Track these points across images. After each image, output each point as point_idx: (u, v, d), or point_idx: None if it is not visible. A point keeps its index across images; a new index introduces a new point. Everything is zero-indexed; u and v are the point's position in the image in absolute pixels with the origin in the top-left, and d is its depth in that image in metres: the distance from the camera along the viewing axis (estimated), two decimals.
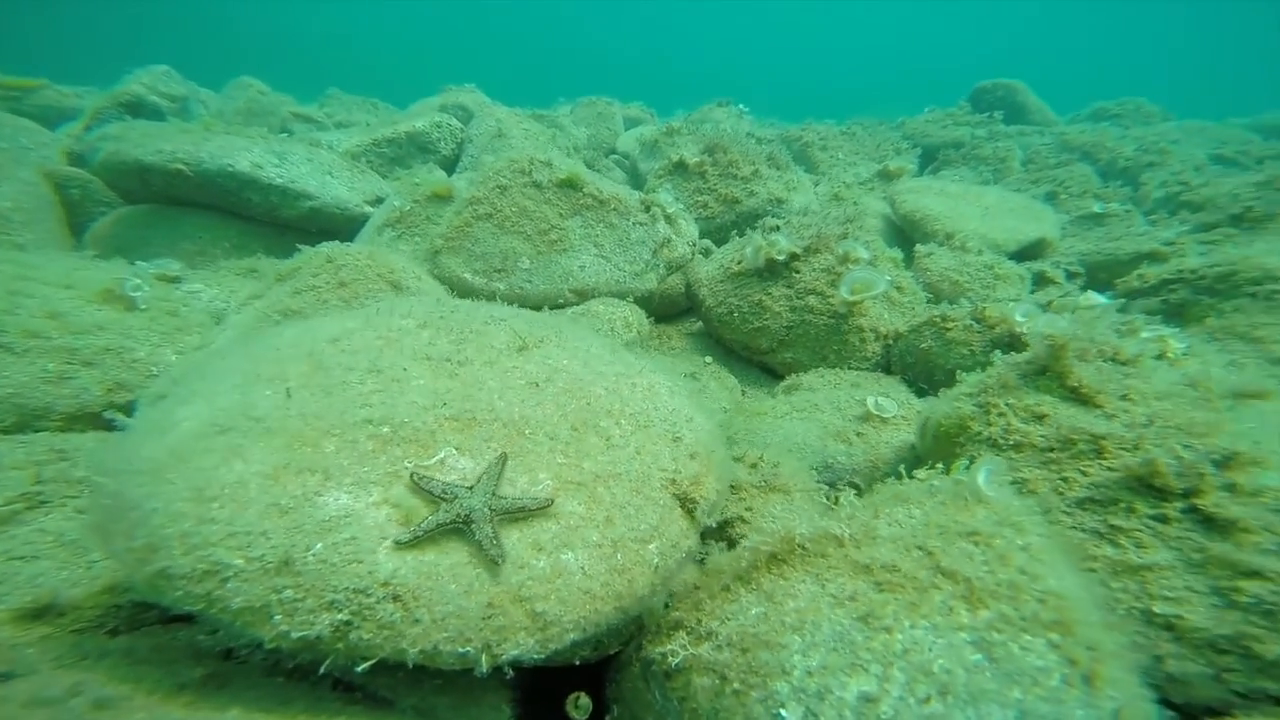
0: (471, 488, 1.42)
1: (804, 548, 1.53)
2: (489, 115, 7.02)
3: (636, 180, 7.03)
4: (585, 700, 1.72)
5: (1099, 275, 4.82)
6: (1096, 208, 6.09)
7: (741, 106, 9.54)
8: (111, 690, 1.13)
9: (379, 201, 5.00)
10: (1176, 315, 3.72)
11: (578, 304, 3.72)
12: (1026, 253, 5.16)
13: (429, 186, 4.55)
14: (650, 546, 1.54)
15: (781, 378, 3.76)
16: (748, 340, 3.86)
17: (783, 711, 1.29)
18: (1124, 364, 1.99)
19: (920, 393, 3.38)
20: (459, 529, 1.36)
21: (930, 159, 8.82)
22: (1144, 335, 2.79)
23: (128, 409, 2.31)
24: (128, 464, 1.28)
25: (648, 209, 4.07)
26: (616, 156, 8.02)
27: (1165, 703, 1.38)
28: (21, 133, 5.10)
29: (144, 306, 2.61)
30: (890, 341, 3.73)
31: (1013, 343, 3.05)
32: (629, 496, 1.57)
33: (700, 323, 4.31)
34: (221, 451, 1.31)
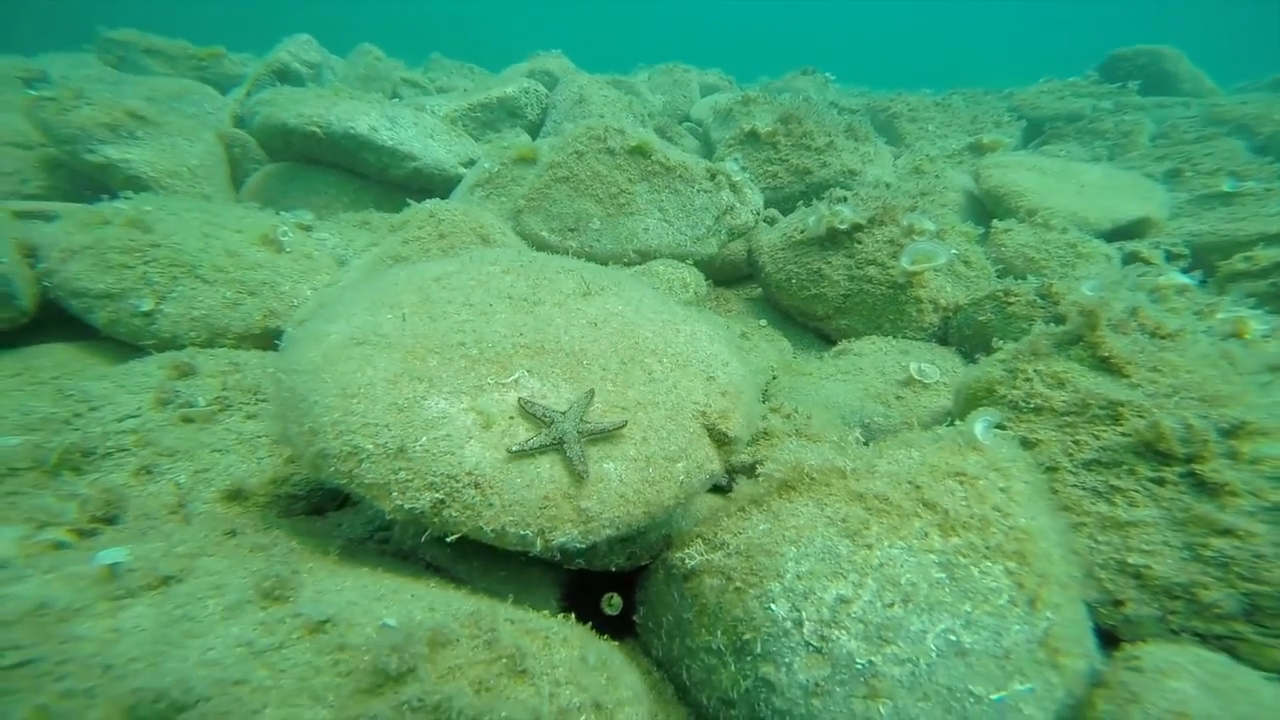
0: (564, 413, 1.70)
1: (811, 477, 1.77)
2: (572, 82, 7.29)
3: (708, 148, 7.10)
4: (617, 600, 2.06)
5: (1210, 257, 4.46)
6: (1227, 186, 5.52)
7: (827, 74, 9.22)
8: (293, 545, 1.58)
9: (471, 163, 5.46)
10: None
11: (640, 264, 4.00)
12: (1125, 232, 4.85)
13: (515, 150, 4.94)
14: (678, 465, 1.83)
15: (835, 344, 3.88)
16: (804, 306, 4.00)
17: (773, 606, 1.57)
18: (1164, 338, 2.03)
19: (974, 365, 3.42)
20: (555, 447, 1.66)
21: (1038, 132, 8.19)
22: (1220, 316, 2.71)
23: (278, 332, 2.88)
24: (295, 364, 1.72)
25: (713, 177, 4.24)
26: (690, 124, 8.08)
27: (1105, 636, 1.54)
28: (206, 99, 6.03)
29: (289, 250, 3.17)
30: (950, 313, 3.75)
31: None
32: (663, 421, 1.86)
33: (759, 290, 4.47)
34: (358, 359, 1.71)
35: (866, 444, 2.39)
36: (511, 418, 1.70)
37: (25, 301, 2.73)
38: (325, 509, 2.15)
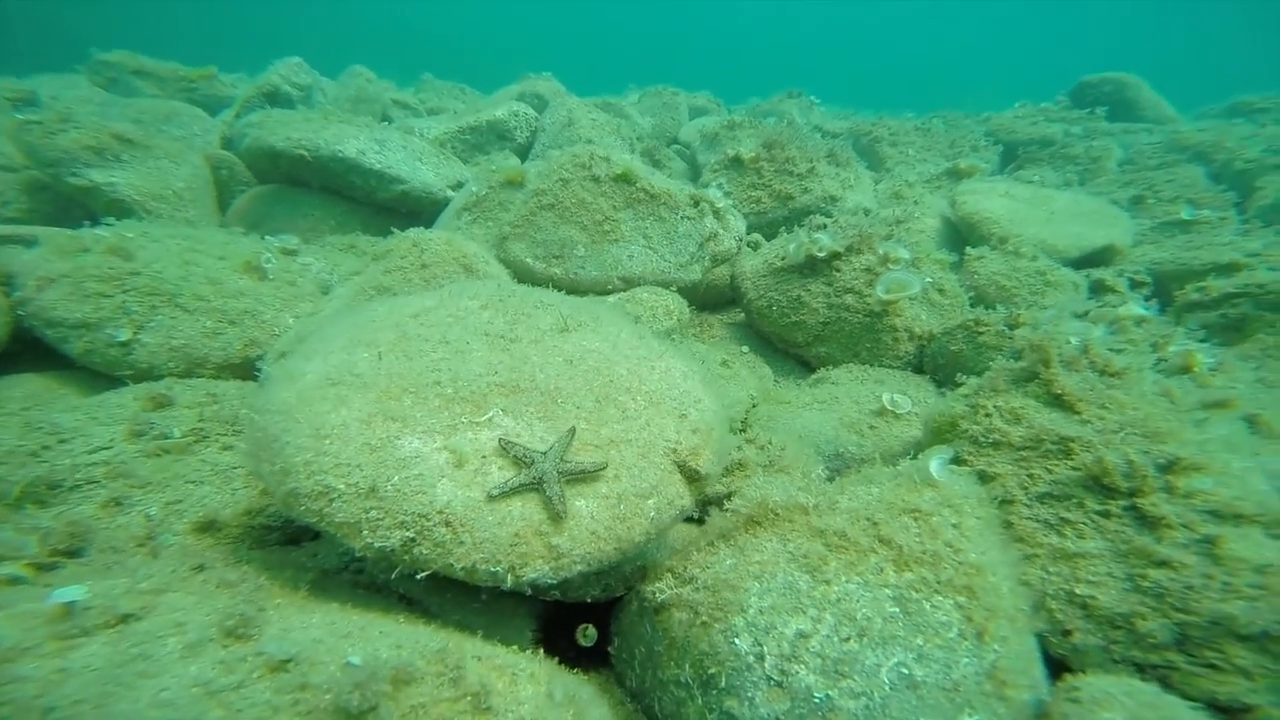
0: (545, 453, 1.74)
1: (776, 513, 1.83)
2: (561, 105, 7.42)
3: (695, 171, 7.24)
4: (592, 631, 2.10)
5: (1170, 286, 4.63)
6: (1185, 214, 5.74)
7: (813, 98, 9.45)
8: (262, 580, 1.62)
9: (459, 186, 5.53)
10: (1235, 330, 3.61)
11: (625, 290, 4.07)
12: (1092, 259, 5.01)
13: (503, 173, 5.02)
14: (649, 502, 1.88)
15: (815, 371, 3.97)
16: (784, 333, 4.09)
17: (737, 640, 1.62)
18: (1112, 375, 2.12)
19: (944, 395, 3.51)
20: (535, 487, 1.70)
21: (1013, 157, 8.44)
22: (1171, 349, 2.83)
23: (259, 361, 2.91)
24: (269, 405, 1.76)
25: (696, 204, 4.34)
26: (679, 146, 8.24)
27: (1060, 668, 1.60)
28: (194, 121, 6.08)
29: (272, 277, 3.21)
30: (925, 342, 3.85)
31: None
32: (635, 459, 1.92)
33: (743, 314, 4.55)
34: (332, 399, 1.76)
35: (833, 476, 2.46)
36: (484, 456, 1.75)
37: None
38: (300, 539, 2.18)
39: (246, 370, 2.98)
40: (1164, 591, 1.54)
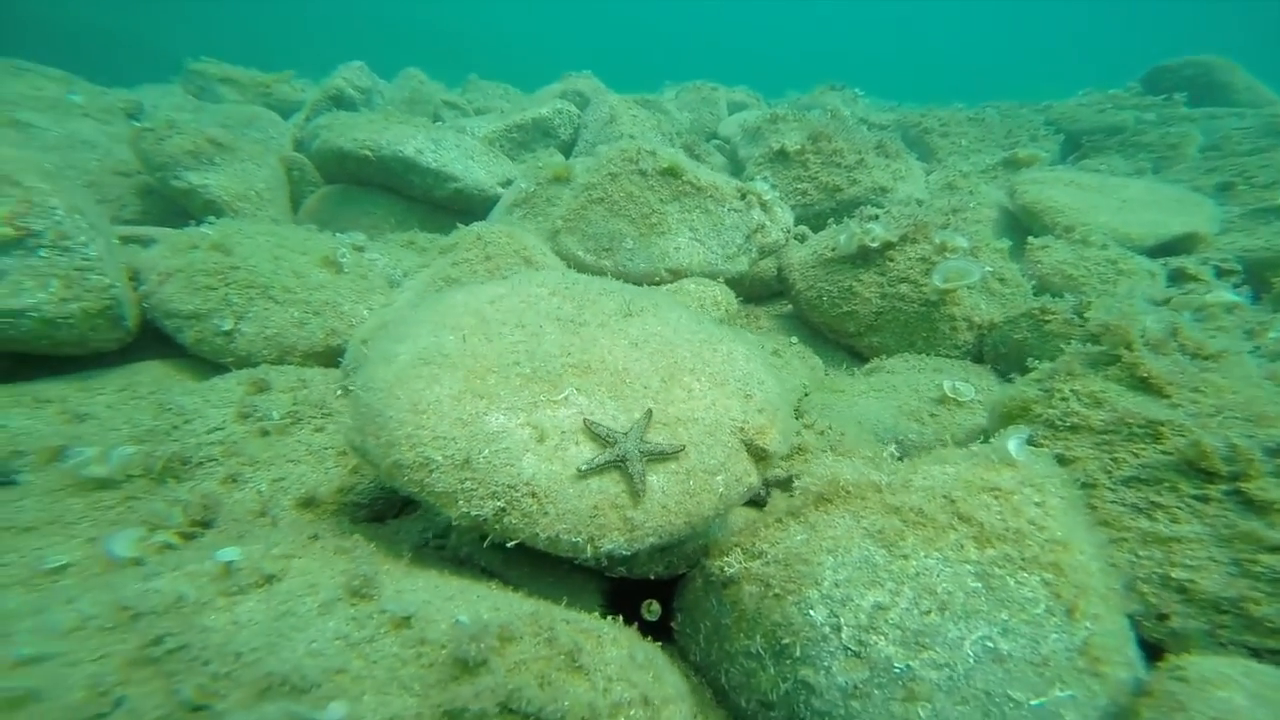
0: (626, 433, 1.81)
1: (848, 491, 1.84)
2: (602, 102, 7.52)
3: (736, 165, 7.21)
4: (656, 606, 2.14)
5: (1266, 274, 4.35)
6: None
7: (856, 90, 9.26)
8: (371, 547, 1.73)
9: (508, 183, 5.68)
10: None
11: (672, 281, 4.11)
12: (1171, 248, 4.77)
13: (550, 169, 5.13)
14: (717, 478, 1.92)
15: (867, 361, 3.92)
16: (835, 323, 4.05)
17: (812, 612, 1.63)
18: (1206, 358, 2.04)
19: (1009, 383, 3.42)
20: (619, 465, 1.76)
21: (1075, 146, 8.08)
22: (1271, 335, 2.69)
23: (339, 349, 3.08)
24: (371, 383, 1.88)
25: (743, 196, 4.34)
26: (718, 141, 8.22)
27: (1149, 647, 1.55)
28: (271, 125, 6.47)
29: (347, 271, 3.40)
30: (984, 331, 3.76)
31: None
32: (703, 437, 1.96)
33: (789, 306, 4.53)
34: (425, 378, 1.86)
35: (900, 460, 2.44)
36: (563, 432, 1.82)
37: (131, 323, 2.97)
38: (385, 516, 2.31)
39: (329, 358, 3.16)
40: None
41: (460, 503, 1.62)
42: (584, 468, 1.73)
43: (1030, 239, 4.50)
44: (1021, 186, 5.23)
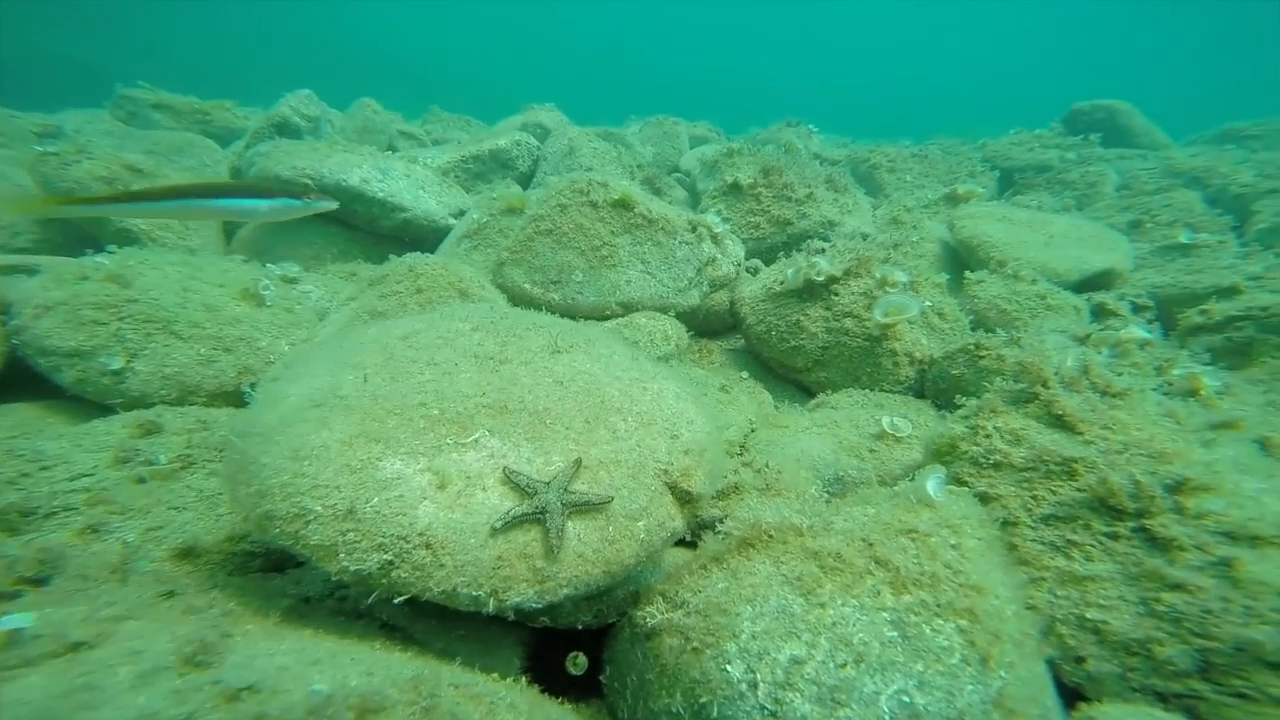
0: (549, 483, 1.71)
1: (769, 535, 1.78)
2: (563, 134, 7.58)
3: (696, 198, 7.33)
4: (583, 659, 2.03)
5: (1172, 309, 4.59)
6: (1184, 238, 5.73)
7: (811, 126, 9.62)
8: (232, 606, 1.57)
9: (462, 214, 5.61)
10: (1240, 354, 3.55)
11: (623, 315, 4.07)
12: (1092, 283, 4.99)
13: (504, 200, 5.09)
14: (639, 524, 1.83)
15: (815, 396, 3.92)
16: (784, 359, 4.06)
17: (729, 667, 1.55)
18: (1114, 396, 2.07)
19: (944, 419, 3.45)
20: (537, 518, 1.65)
21: (1010, 183, 8.52)
22: (1176, 372, 2.78)
23: (252, 389, 2.88)
24: (249, 427, 1.74)
25: (694, 229, 4.36)
26: (679, 174, 8.37)
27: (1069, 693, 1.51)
28: (205, 151, 6.27)
29: (270, 304, 3.23)
30: (925, 366, 3.81)
31: None
32: (625, 480, 1.87)
33: (742, 340, 4.53)
34: (314, 421, 1.73)
35: (831, 499, 2.40)
36: (468, 477, 1.72)
37: None
38: (284, 566, 2.13)
39: (240, 398, 2.97)
40: (1180, 616, 1.47)
41: (341, 556, 1.49)
42: (498, 524, 1.62)
43: (967, 273, 4.64)
44: (960, 221, 5.43)
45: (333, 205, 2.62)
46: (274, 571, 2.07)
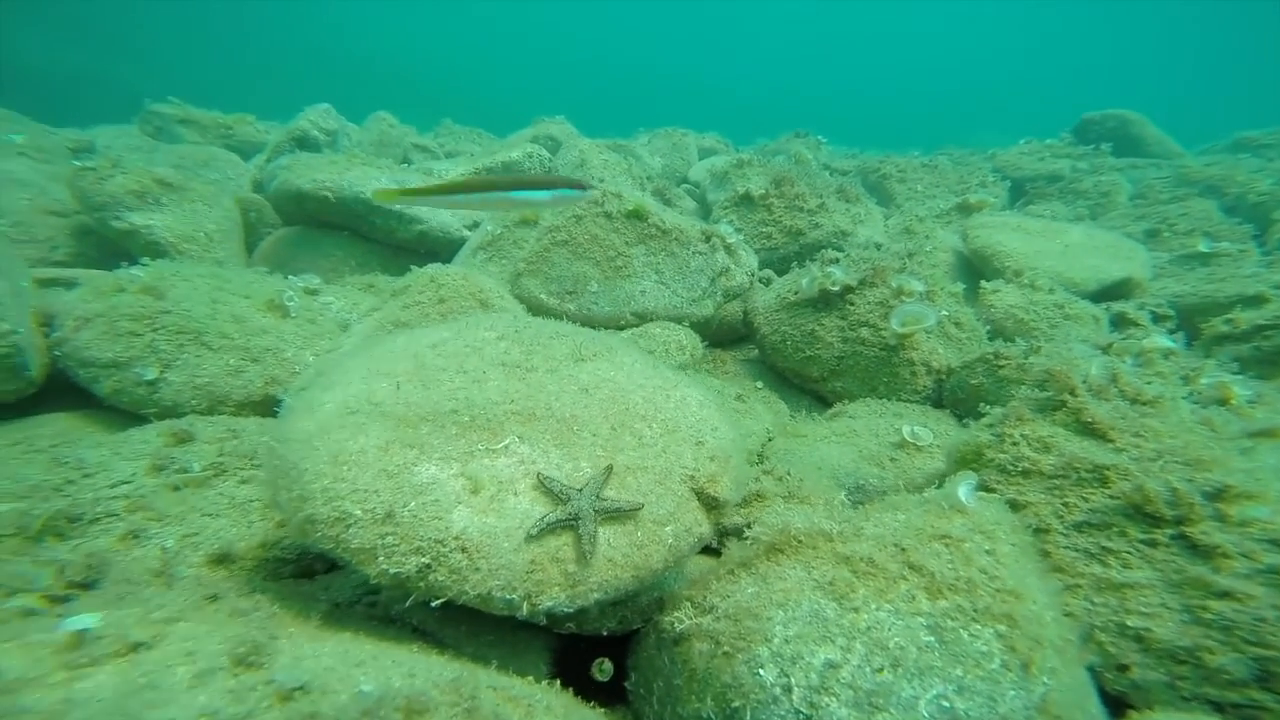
0: (581, 489, 1.73)
1: (799, 541, 1.77)
2: (574, 146, 7.67)
3: (705, 209, 7.38)
4: (608, 665, 2.02)
5: (1194, 319, 4.55)
6: (1203, 246, 5.70)
7: (820, 137, 9.68)
8: (276, 609, 1.59)
9: (476, 226, 5.68)
10: (1270, 363, 3.52)
11: (638, 325, 4.09)
12: (1110, 293, 4.97)
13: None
14: (666, 529, 1.84)
15: (831, 406, 3.91)
16: (799, 368, 4.06)
17: (761, 671, 1.54)
18: (1144, 404, 2.06)
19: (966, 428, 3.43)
20: (570, 524, 1.67)
21: (1021, 192, 8.52)
22: (1204, 381, 2.75)
23: (279, 399, 2.92)
24: (289, 434, 1.77)
25: (708, 239, 4.39)
26: (688, 185, 8.43)
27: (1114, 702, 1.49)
28: (229, 165, 6.39)
29: (294, 315, 3.28)
30: (943, 376, 3.80)
31: None
32: (652, 486, 1.88)
33: (756, 351, 4.54)
34: (351, 428, 1.76)
35: (854, 507, 2.39)
36: (500, 483, 1.73)
37: (35, 372, 2.77)
38: (314, 572, 2.15)
39: (267, 407, 3.00)
40: (1231, 624, 1.45)
41: (380, 559, 1.50)
42: (533, 531, 1.64)
43: (983, 283, 4.63)
44: (973, 231, 5.43)
45: (598, 191, 2.65)
46: (304, 578, 2.09)
